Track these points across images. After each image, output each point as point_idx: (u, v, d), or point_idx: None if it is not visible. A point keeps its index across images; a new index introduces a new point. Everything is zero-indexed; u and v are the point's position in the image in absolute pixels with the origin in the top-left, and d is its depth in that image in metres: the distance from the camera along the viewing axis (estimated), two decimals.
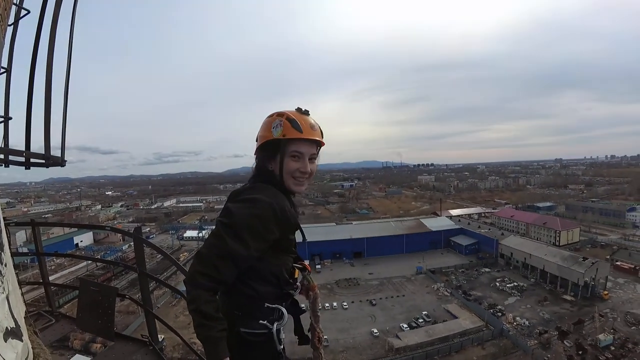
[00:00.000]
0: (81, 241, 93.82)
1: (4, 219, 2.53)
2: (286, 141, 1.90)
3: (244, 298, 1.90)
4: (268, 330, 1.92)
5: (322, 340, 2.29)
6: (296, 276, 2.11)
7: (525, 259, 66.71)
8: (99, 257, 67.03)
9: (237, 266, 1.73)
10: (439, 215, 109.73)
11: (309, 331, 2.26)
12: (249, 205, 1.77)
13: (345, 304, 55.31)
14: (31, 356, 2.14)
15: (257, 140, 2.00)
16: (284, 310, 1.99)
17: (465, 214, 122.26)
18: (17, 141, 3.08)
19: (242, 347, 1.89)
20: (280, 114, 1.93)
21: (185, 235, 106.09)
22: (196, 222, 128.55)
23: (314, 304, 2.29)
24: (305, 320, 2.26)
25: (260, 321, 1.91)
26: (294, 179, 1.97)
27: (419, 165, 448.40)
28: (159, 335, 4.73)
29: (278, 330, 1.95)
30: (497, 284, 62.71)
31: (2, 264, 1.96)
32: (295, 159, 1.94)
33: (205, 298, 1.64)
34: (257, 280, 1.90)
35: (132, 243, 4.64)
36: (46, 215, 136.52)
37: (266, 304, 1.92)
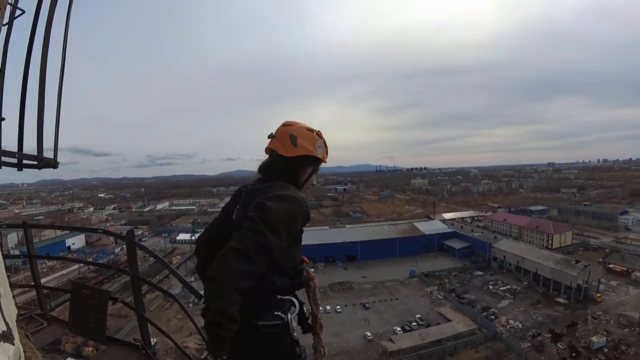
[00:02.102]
0: (73, 244, 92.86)
1: None
2: (321, 161, 2.36)
3: (261, 292, 1.96)
4: (282, 320, 2.03)
5: (323, 326, 2.40)
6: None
7: (518, 262, 67.18)
8: (91, 259, 66.40)
9: (270, 259, 1.79)
10: (432, 219, 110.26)
11: (309, 318, 2.37)
12: (284, 201, 1.90)
13: (338, 307, 55.26)
14: (23, 359, 2.11)
15: (294, 145, 2.21)
16: (295, 300, 2.14)
17: (459, 218, 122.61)
18: (9, 142, 3.06)
19: (260, 338, 1.99)
20: (319, 134, 2.33)
21: (178, 238, 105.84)
22: (189, 225, 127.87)
23: (313, 293, 2.38)
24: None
25: (275, 312, 2.01)
26: (307, 189, 2.40)
27: (412, 169, 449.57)
28: (152, 339, 4.68)
29: (291, 319, 2.09)
30: (490, 287, 63.09)
31: None
32: (315, 175, 2.40)
33: (234, 298, 1.64)
34: (276, 274, 2.01)
35: (124, 246, 4.62)
36: (38, 217, 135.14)
37: (279, 296, 2.06)
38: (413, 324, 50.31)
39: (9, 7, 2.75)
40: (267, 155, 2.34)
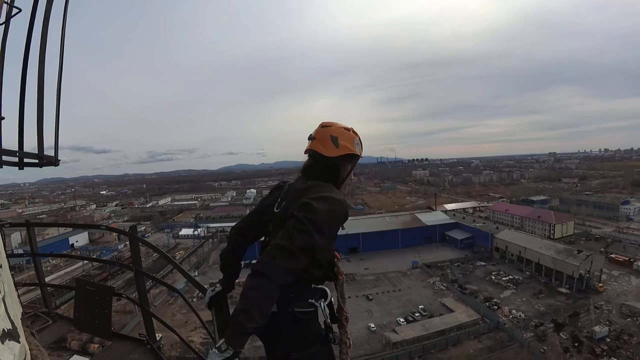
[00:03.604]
0: (76, 241, 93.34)
1: None
2: (358, 158, 2.48)
3: (298, 281, 2.03)
4: (315, 308, 2.21)
5: (349, 319, 2.49)
6: None
7: (520, 252, 67.22)
8: (94, 257, 66.72)
9: (313, 257, 1.92)
10: (433, 210, 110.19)
11: (337, 311, 2.45)
12: (328, 202, 2.00)
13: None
14: (29, 358, 2.13)
15: (336, 145, 2.33)
16: (327, 289, 2.31)
17: (460, 209, 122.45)
18: (9, 142, 3.06)
19: (296, 323, 2.16)
20: (355, 132, 2.45)
21: (180, 233, 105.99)
22: (191, 220, 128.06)
23: (341, 287, 2.48)
24: None
25: (309, 300, 2.19)
26: (348, 186, 2.56)
27: (413, 160, 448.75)
28: (157, 334, 4.72)
29: (325, 307, 2.24)
30: (493, 277, 63.16)
31: None
32: (353, 171, 2.54)
33: (273, 293, 1.73)
34: (315, 267, 2.16)
35: (127, 242, 4.64)
36: (41, 216, 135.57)
37: (313, 285, 2.25)
38: (416, 314, 50.47)
39: (5, 6, 2.74)
40: (302, 156, 2.51)
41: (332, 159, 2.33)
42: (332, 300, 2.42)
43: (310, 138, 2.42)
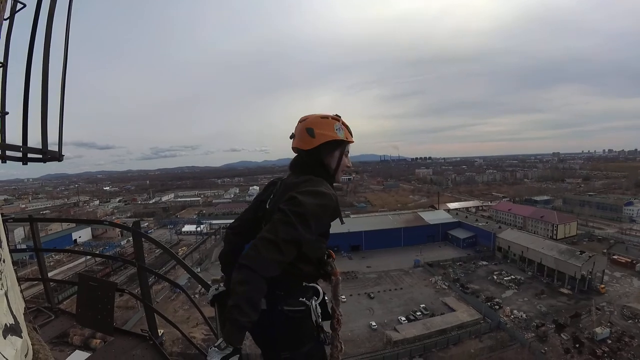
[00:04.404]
0: (79, 237, 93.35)
1: (2, 215, 2.53)
2: (347, 142, 2.41)
3: (288, 278, 2.09)
4: (306, 306, 2.17)
5: (342, 322, 2.47)
6: None
7: (522, 252, 67.10)
8: (97, 252, 67.02)
9: (298, 250, 1.91)
10: (436, 209, 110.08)
11: (330, 312, 2.43)
12: (315, 196, 2.00)
13: (343, 297, 55.12)
14: (31, 352, 2.13)
15: (312, 136, 2.29)
16: (319, 287, 2.31)
17: (463, 208, 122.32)
18: (13, 137, 3.06)
19: (286, 322, 2.13)
20: (335, 118, 2.38)
21: (183, 229, 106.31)
22: (194, 217, 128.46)
23: (335, 289, 2.45)
24: None
25: (300, 298, 2.17)
26: (343, 172, 2.47)
27: (416, 158, 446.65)
28: (159, 330, 4.73)
29: (316, 306, 2.23)
30: (495, 277, 63.09)
31: (0, 260, 1.95)
32: (346, 157, 2.44)
33: (260, 285, 1.72)
34: (304, 262, 2.15)
35: (130, 238, 4.65)
36: (44, 212, 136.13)
37: (304, 283, 2.24)
38: (417, 313, 50.53)
39: (10, 1, 2.74)
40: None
41: (312, 151, 2.31)
42: (327, 299, 2.41)
43: (292, 137, 2.42)
